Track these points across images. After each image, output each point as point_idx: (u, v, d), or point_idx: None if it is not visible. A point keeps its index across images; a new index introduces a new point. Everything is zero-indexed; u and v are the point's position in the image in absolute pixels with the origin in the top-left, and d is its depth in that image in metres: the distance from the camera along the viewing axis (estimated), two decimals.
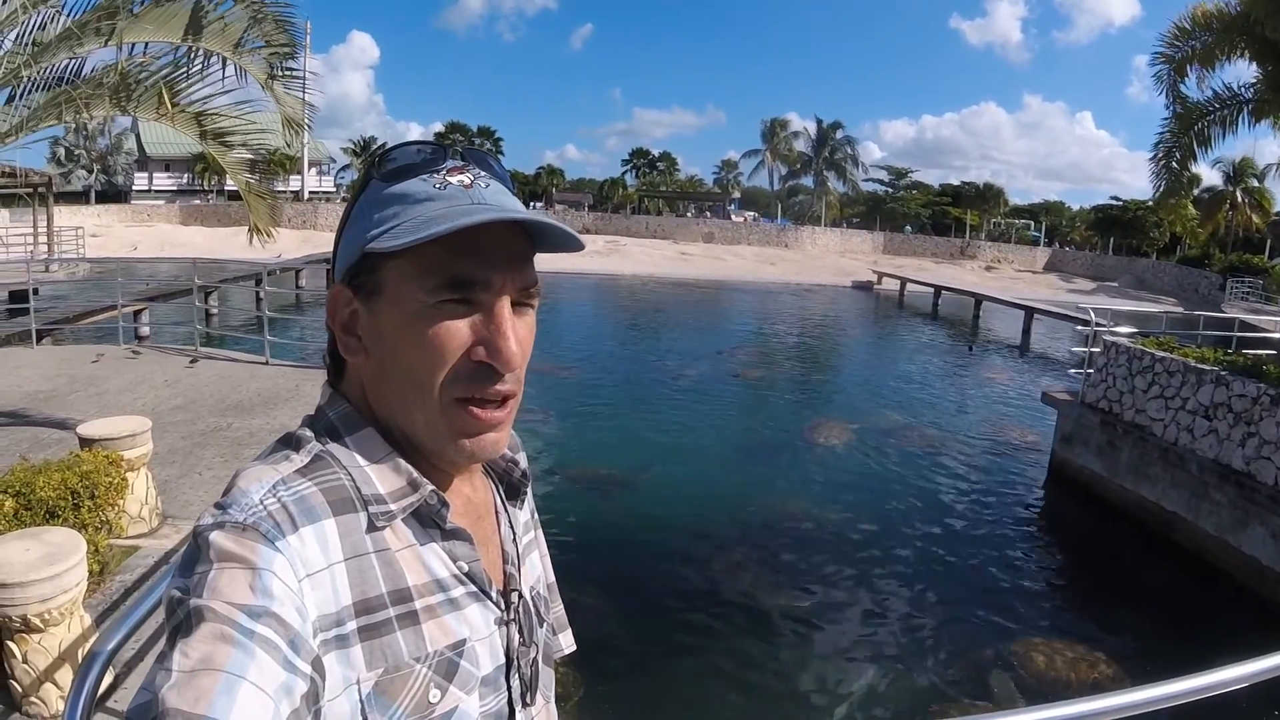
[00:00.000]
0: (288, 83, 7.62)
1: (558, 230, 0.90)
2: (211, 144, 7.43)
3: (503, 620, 0.96)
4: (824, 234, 67.67)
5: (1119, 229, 64.84)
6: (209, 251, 31.85)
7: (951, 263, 61.48)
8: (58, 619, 3.79)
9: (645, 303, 36.60)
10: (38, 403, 9.30)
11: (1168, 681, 1.72)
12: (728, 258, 55.41)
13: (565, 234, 0.91)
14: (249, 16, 6.85)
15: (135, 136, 65.25)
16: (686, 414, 16.08)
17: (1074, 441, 12.32)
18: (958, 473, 12.97)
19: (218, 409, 9.41)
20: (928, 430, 15.47)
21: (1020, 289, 46.01)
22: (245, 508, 0.78)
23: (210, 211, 57.03)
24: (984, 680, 7.16)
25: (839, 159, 75.75)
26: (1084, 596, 9.34)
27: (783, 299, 39.88)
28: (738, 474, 12.70)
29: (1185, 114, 12.51)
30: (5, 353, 12.67)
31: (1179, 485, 10.08)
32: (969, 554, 9.90)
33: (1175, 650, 7.64)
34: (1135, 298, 42.35)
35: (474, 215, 0.82)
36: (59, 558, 3.80)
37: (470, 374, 0.87)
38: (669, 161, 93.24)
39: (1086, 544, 10.76)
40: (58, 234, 28.19)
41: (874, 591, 8.78)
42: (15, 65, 5.67)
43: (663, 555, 9.35)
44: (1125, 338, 11.84)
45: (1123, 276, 55.23)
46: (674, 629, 7.71)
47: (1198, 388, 9.92)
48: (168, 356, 12.58)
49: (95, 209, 54.68)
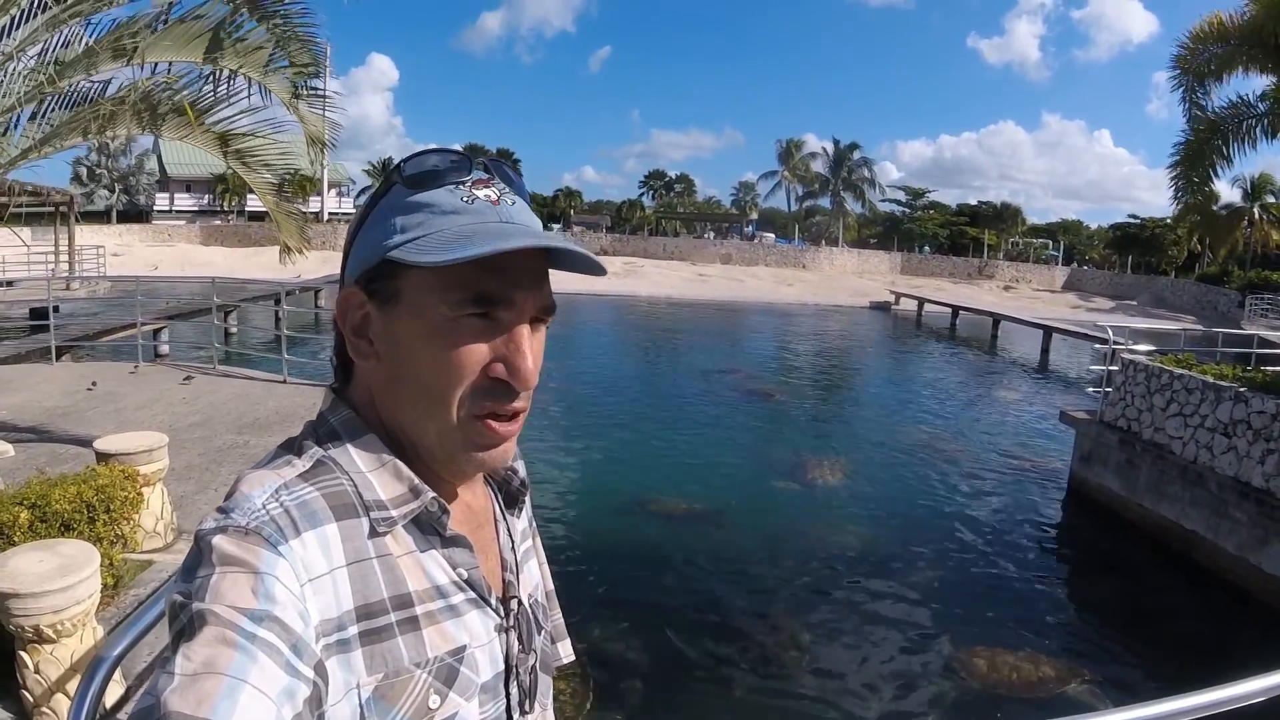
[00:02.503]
0: (312, 102, 7.67)
1: (583, 258, 0.90)
2: (237, 163, 7.48)
3: (502, 627, 0.96)
4: (841, 254, 67.53)
5: (1137, 247, 64.63)
6: (229, 271, 32.10)
7: (969, 283, 61.22)
8: (70, 630, 3.81)
9: (662, 323, 36.59)
10: (56, 418, 9.37)
11: (1185, 695, 1.70)
12: (745, 279, 55.31)
13: (589, 260, 0.91)
14: (274, 36, 6.89)
15: (157, 157, 65.85)
16: (702, 432, 16.06)
17: (1093, 460, 12.24)
18: (977, 492, 12.88)
19: (235, 426, 9.45)
20: (946, 449, 15.37)
21: (1039, 308, 45.81)
22: (247, 512, 0.79)
23: (230, 232, 57.38)
24: (999, 699, 7.11)
25: (856, 180, 75.53)
26: (1103, 616, 9.23)
27: (800, 320, 39.77)
28: (752, 491, 12.63)
29: (1204, 126, 12.42)
30: (26, 369, 12.78)
31: (1198, 504, 9.99)
32: (987, 573, 9.82)
33: (1195, 669, 7.54)
34: (1154, 316, 42.06)
35: (510, 239, 0.82)
36: (72, 569, 3.82)
37: (487, 390, 0.87)
38: (686, 183, 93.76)
39: (1106, 563, 10.64)
40: (79, 252, 28.42)
41: (889, 609, 8.70)
42: (38, 83, 5.72)
43: (674, 571, 9.32)
44: (1144, 356, 11.76)
45: (1141, 295, 54.91)
46: (683, 644, 7.65)
47: (1216, 405, 9.85)
48: (185, 374, 12.63)
49: (117, 228, 55.07)
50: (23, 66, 5.80)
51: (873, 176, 76.92)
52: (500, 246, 0.81)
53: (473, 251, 0.80)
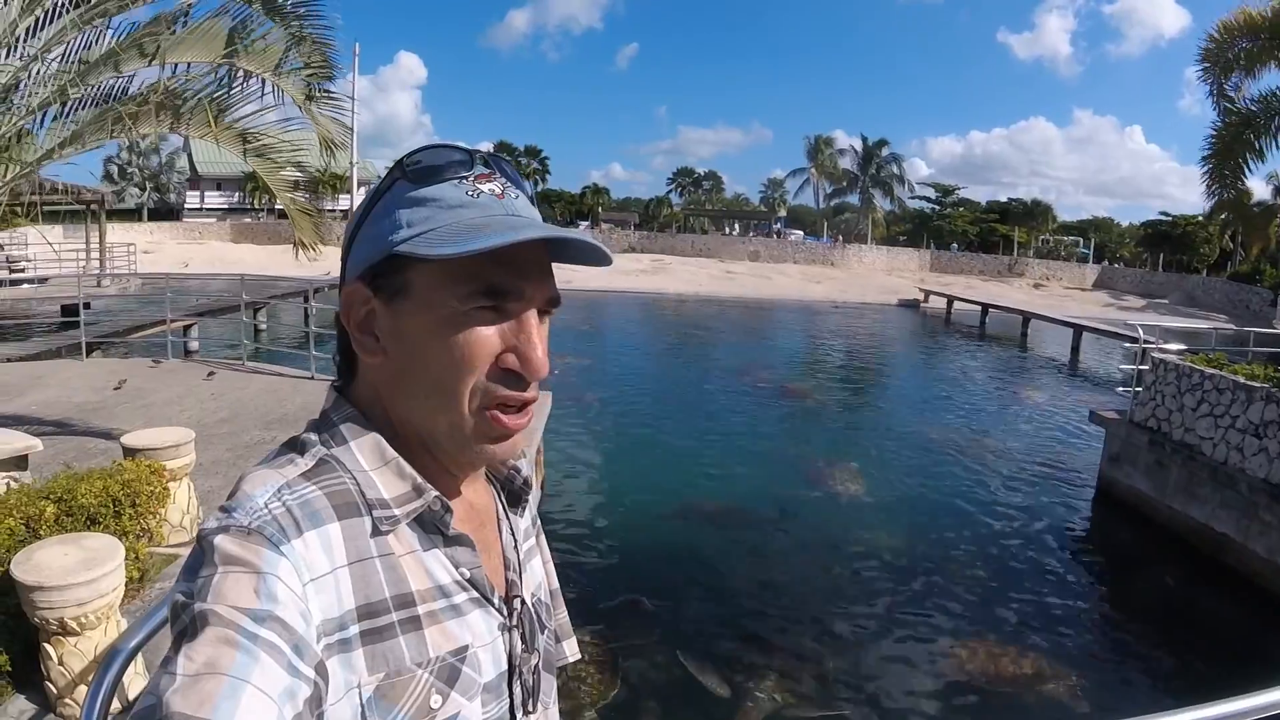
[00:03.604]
0: (325, 104, 7.73)
1: (591, 248, 0.91)
2: (256, 161, 7.55)
3: (505, 626, 0.96)
4: (870, 252, 67.13)
5: (1169, 245, 63.93)
6: (259, 268, 32.31)
7: (999, 280, 60.69)
8: (94, 622, 3.85)
9: (690, 320, 36.49)
10: (85, 414, 9.48)
11: (1214, 704, 1.67)
12: (773, 276, 55.09)
13: (596, 250, 0.91)
14: (288, 38, 6.96)
15: (187, 156, 66.56)
16: (729, 430, 16.05)
17: (1122, 461, 12.12)
18: (1005, 491, 12.80)
19: (262, 422, 9.53)
20: (975, 449, 15.28)
21: (1069, 307, 45.36)
22: (250, 511, 0.79)
23: (260, 229, 57.80)
24: (1026, 703, 7.06)
25: (885, 176, 75.05)
26: (1132, 618, 9.15)
27: (828, 318, 39.58)
28: (779, 488, 12.61)
29: (1235, 120, 12.27)
30: (56, 364, 12.95)
31: (1228, 505, 9.86)
32: (1014, 573, 9.75)
33: (1224, 675, 7.46)
34: (1186, 314, 41.54)
35: (522, 231, 0.82)
36: (96, 562, 3.86)
37: (498, 380, 0.87)
38: (714, 180, 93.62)
39: (1135, 565, 10.55)
40: (110, 250, 28.69)
41: (915, 610, 8.65)
42: (63, 83, 5.79)
43: (697, 569, 9.32)
44: (1174, 355, 11.64)
45: (1173, 293, 54.26)
46: (706, 642, 7.63)
47: (1248, 405, 9.72)
48: (214, 370, 12.74)
49: (148, 226, 55.70)
50: (48, 68, 5.87)
51: (901, 173, 76.42)
52: (514, 238, 0.81)
53: (488, 243, 0.80)
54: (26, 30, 5.53)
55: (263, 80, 6.93)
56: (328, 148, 7.85)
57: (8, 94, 5.73)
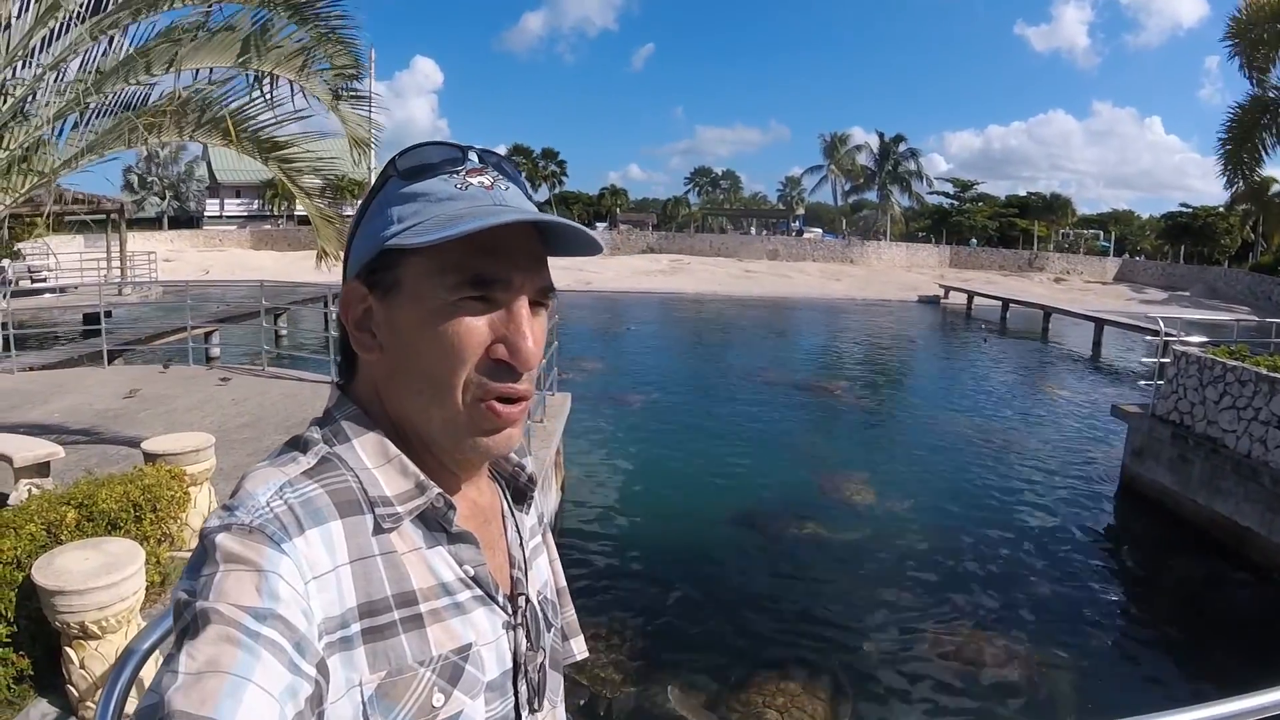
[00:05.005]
0: (353, 103, 7.72)
1: (576, 233, 0.91)
2: (277, 168, 7.55)
3: (510, 625, 0.95)
4: (889, 248, 66.89)
5: (1190, 237, 63.37)
6: (279, 274, 32.53)
7: (1019, 275, 60.37)
8: (115, 626, 3.88)
9: (710, 319, 36.49)
10: (107, 420, 9.56)
11: (1239, 698, 1.65)
12: (792, 274, 54.97)
13: (584, 238, 0.91)
14: (313, 37, 6.93)
15: (206, 164, 66.88)
16: (750, 427, 16.04)
17: (1145, 455, 12.03)
18: (1029, 488, 12.75)
19: (283, 427, 9.57)
20: (997, 444, 15.24)
21: (1090, 300, 45.01)
22: (252, 510, 0.79)
23: (280, 236, 58.17)
24: (1047, 696, 7.02)
25: (902, 172, 74.70)
26: (1157, 612, 9.10)
27: (848, 315, 39.42)
28: (800, 481, 12.62)
29: (1255, 105, 12.17)
30: (78, 372, 13.05)
31: (1252, 499, 9.78)
32: (1038, 569, 9.69)
33: (1248, 669, 7.40)
34: (1208, 307, 41.17)
35: (501, 215, 0.83)
36: (117, 567, 3.90)
37: (489, 372, 0.87)
38: (732, 179, 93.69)
39: (1159, 560, 10.48)
40: (131, 259, 28.89)
41: (939, 605, 8.62)
42: (79, 92, 5.82)
43: (715, 566, 9.34)
44: (1196, 347, 11.55)
45: (1194, 285, 53.71)
46: (721, 643, 7.63)
47: (1270, 397, 9.63)
48: (233, 376, 12.81)
49: (168, 234, 56.12)
50: (64, 77, 5.90)
51: (919, 169, 75.92)
52: (493, 221, 0.81)
53: (466, 227, 0.80)
54: (42, 41, 5.56)
55: (290, 82, 6.91)
56: (357, 147, 7.83)
57: (24, 105, 5.77)
